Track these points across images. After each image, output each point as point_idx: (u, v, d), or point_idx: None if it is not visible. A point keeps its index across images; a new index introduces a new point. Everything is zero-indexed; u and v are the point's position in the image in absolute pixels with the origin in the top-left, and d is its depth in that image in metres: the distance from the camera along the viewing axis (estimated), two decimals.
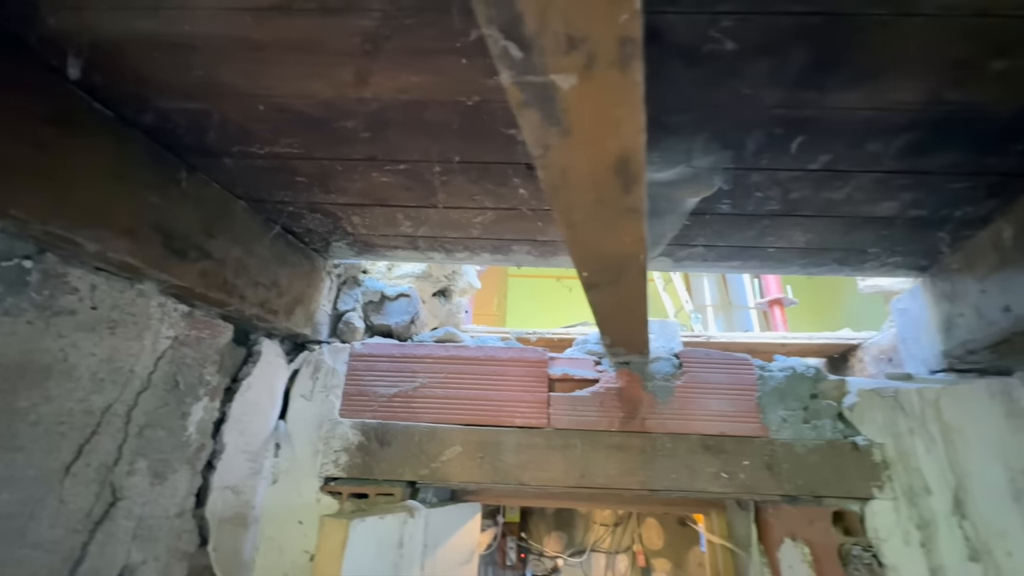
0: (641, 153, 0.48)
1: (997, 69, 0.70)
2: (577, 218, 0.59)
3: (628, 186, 0.52)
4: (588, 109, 0.42)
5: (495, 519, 5.43)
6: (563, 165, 0.50)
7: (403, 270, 1.60)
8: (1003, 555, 1.15)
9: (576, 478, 1.25)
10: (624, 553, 5.42)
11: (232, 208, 1.09)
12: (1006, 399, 1.28)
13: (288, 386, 1.36)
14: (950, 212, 1.06)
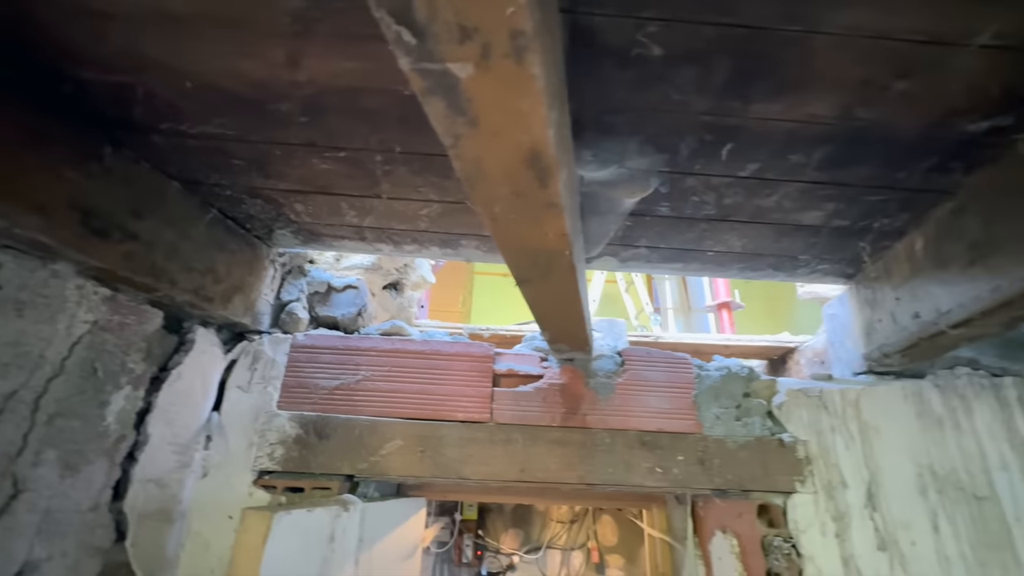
0: (551, 148, 0.49)
1: (899, 89, 0.75)
2: (498, 210, 0.60)
3: (543, 180, 0.53)
4: (491, 100, 0.42)
5: (452, 516, 5.41)
6: (476, 156, 0.50)
7: (352, 261, 1.57)
8: (907, 545, 1.23)
9: (517, 472, 1.26)
10: (579, 550, 5.50)
11: (164, 189, 1.05)
12: (917, 400, 1.38)
13: (224, 377, 1.32)
14: (869, 223, 1.13)
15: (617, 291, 6.12)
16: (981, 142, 0.85)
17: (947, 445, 1.33)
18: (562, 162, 0.57)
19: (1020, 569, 1.22)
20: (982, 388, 1.40)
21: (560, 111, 0.52)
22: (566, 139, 0.59)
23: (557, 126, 0.50)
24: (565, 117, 0.59)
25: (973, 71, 0.71)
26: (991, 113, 0.78)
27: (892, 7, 0.63)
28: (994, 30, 0.65)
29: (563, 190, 0.58)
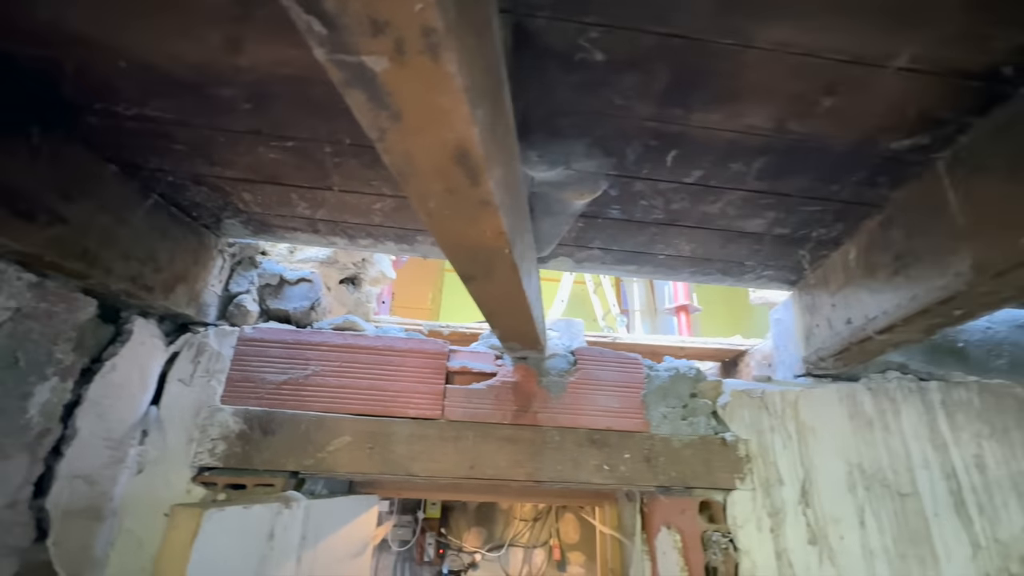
0: (478, 146, 0.49)
1: (828, 106, 0.79)
2: (432, 206, 0.60)
3: (474, 178, 0.54)
4: (412, 95, 0.43)
5: (415, 515, 5.37)
6: (404, 150, 0.50)
7: (306, 254, 1.54)
8: (836, 539, 1.30)
9: (466, 469, 1.26)
10: (541, 547, 5.54)
11: (100, 172, 1.00)
12: (851, 402, 1.45)
13: (165, 369, 1.27)
14: (808, 232, 1.18)
15: (586, 292, 6.20)
16: (904, 159, 0.91)
17: (876, 445, 1.41)
18: (496, 161, 0.57)
19: (936, 561, 1.30)
20: (910, 391, 1.49)
21: (490, 110, 0.53)
22: (502, 138, 0.60)
23: (486, 125, 0.51)
24: (501, 116, 0.59)
25: (893, 92, 0.75)
26: (911, 132, 0.83)
27: (818, 26, 0.66)
28: (910, 54, 0.69)
29: (497, 188, 0.58)
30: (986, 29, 0.64)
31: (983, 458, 1.42)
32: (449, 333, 1.82)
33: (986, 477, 1.40)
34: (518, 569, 5.47)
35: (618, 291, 6.24)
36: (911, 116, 0.80)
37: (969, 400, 1.49)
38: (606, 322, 5.81)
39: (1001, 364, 1.56)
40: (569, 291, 5.75)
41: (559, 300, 5.54)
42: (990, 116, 0.78)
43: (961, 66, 0.71)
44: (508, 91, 0.68)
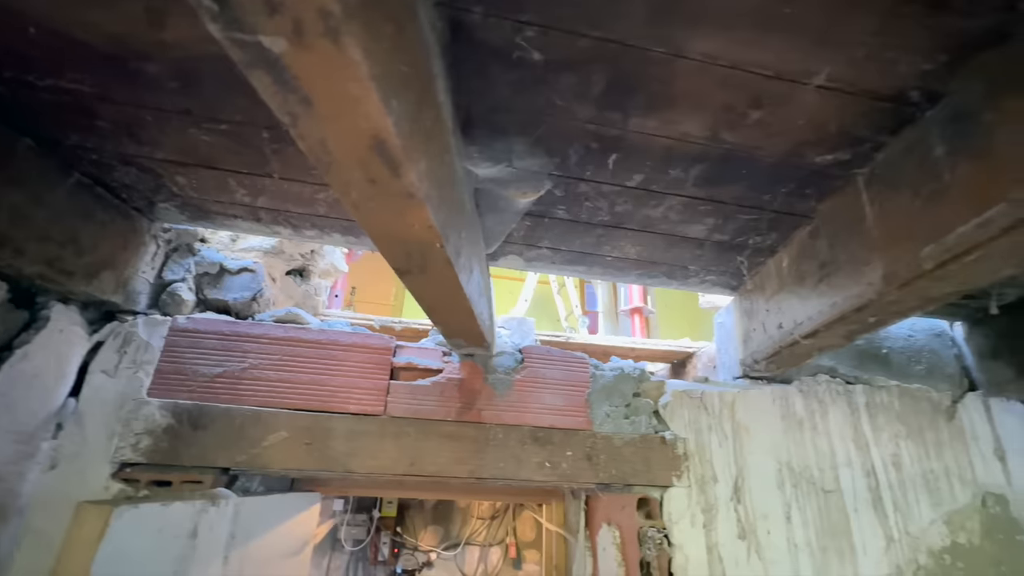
0: (396, 138, 0.49)
1: (756, 118, 0.82)
2: (355, 196, 0.59)
3: (395, 169, 0.53)
4: (319, 81, 0.42)
5: (370, 514, 5.28)
6: (319, 137, 0.49)
7: (249, 243, 1.49)
8: (764, 534, 1.36)
9: (406, 466, 1.25)
10: (498, 545, 5.55)
11: (11, 145, 0.93)
12: (783, 403, 1.52)
13: (88, 359, 1.20)
14: (745, 240, 1.23)
15: (550, 292, 6.26)
16: (829, 173, 0.96)
17: (804, 444, 1.48)
18: (421, 153, 0.57)
19: (854, 554, 1.38)
20: (837, 394, 1.57)
21: (413, 102, 0.52)
22: (429, 131, 0.59)
23: (406, 116, 0.50)
24: (428, 109, 0.59)
25: (814, 108, 0.79)
26: (833, 148, 0.88)
27: (743, 41, 0.69)
28: (827, 73, 0.73)
29: (422, 181, 0.58)
30: (893, 54, 0.68)
31: (900, 457, 1.52)
32: (402, 329, 1.80)
33: (901, 475, 1.50)
34: (474, 568, 5.47)
35: (583, 293, 6.33)
36: (832, 132, 0.84)
37: (890, 403, 1.59)
38: (568, 322, 5.88)
39: (920, 370, 1.67)
40: (533, 290, 5.79)
41: (523, 299, 5.57)
42: (901, 136, 0.83)
43: (873, 88, 0.75)
44: (442, 84, 0.67)
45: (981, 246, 0.68)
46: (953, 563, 1.42)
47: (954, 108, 0.73)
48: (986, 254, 0.69)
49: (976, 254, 0.70)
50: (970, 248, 0.70)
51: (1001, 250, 0.68)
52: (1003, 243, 0.66)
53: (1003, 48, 0.65)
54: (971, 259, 0.71)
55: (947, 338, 1.75)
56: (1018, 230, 0.63)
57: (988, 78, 0.67)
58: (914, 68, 0.71)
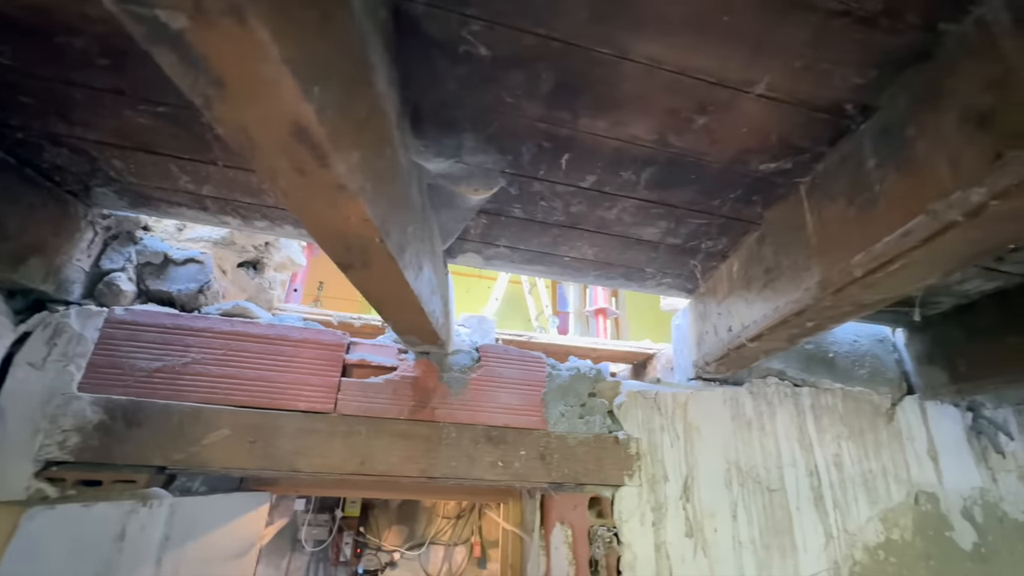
0: (318, 126, 0.47)
1: (702, 124, 0.84)
2: (284, 186, 0.57)
3: (322, 159, 0.52)
4: (229, 61, 0.40)
5: (332, 514, 5.18)
6: (236, 122, 0.47)
7: (197, 233, 1.43)
8: (711, 532, 1.39)
9: (356, 465, 1.22)
10: (463, 545, 5.53)
11: None
12: (734, 404, 1.56)
13: (13, 351, 1.13)
14: (698, 244, 1.25)
15: (522, 292, 6.27)
16: (773, 181, 0.99)
17: (753, 444, 1.53)
18: (353, 144, 0.55)
19: (795, 551, 1.43)
20: (785, 396, 1.63)
21: (342, 89, 0.51)
22: (364, 121, 0.58)
23: (332, 104, 0.49)
24: (362, 98, 0.57)
25: (756, 116, 0.81)
26: (775, 156, 0.91)
27: (684, 46, 0.70)
28: (767, 82, 0.75)
29: (355, 173, 0.56)
30: (827, 66, 0.71)
31: (841, 457, 1.58)
32: (361, 325, 1.76)
33: (842, 474, 1.56)
34: (438, 567, 5.43)
35: (555, 293, 6.37)
36: (774, 141, 0.87)
37: (834, 405, 1.65)
38: (539, 322, 5.90)
39: (863, 373, 1.74)
40: (504, 290, 5.79)
41: (494, 299, 5.57)
42: (838, 148, 0.86)
43: (811, 99, 0.77)
44: (384, 75, 0.66)
45: (904, 255, 0.71)
46: (886, 558, 1.49)
47: (884, 122, 0.76)
48: (909, 263, 0.72)
49: (900, 263, 0.73)
50: (895, 257, 0.73)
51: (922, 260, 0.71)
52: (923, 253, 0.69)
53: (924, 66, 0.68)
54: (895, 268, 0.74)
55: (889, 344, 1.83)
56: (936, 241, 0.66)
57: (912, 94, 0.70)
58: (848, 81, 0.73)
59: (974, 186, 0.58)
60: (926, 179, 0.67)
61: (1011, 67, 0.55)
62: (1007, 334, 1.42)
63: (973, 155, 0.59)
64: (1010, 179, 0.55)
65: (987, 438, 1.76)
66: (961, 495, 1.64)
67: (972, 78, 0.61)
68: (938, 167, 0.65)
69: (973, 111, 0.60)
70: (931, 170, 0.66)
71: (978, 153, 0.59)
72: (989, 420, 1.79)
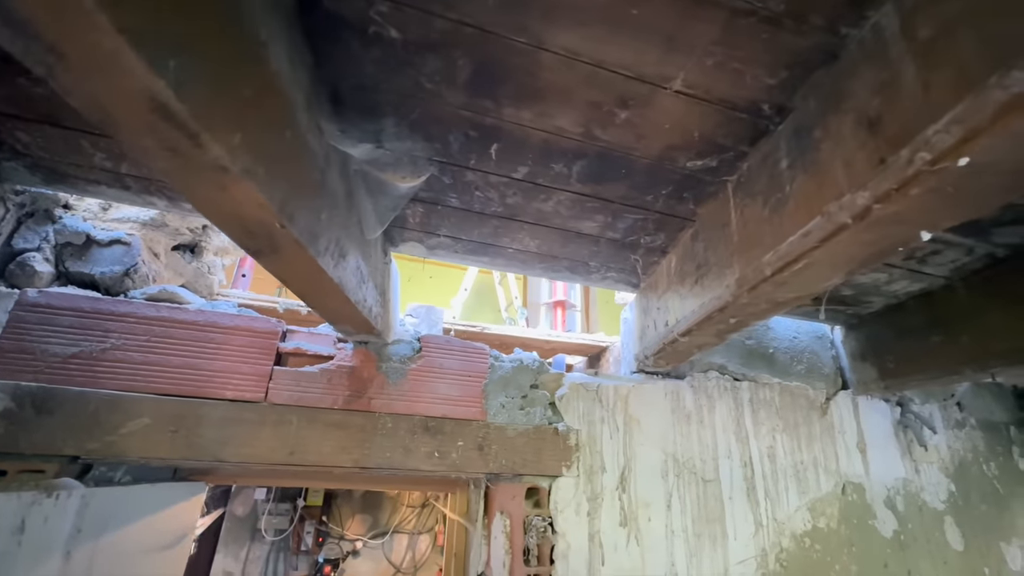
0: (177, 102, 0.44)
1: (624, 118, 0.83)
2: (163, 167, 0.54)
3: (193, 138, 0.49)
4: (53, 27, 0.37)
5: (294, 503, 5.12)
6: (88, 94, 0.44)
7: (124, 213, 1.36)
8: (645, 521, 1.42)
9: (285, 455, 1.20)
10: (427, 533, 5.55)
11: None
12: (674, 398, 1.60)
13: None
14: (637, 239, 1.26)
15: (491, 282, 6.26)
16: (702, 179, 1.00)
17: (691, 436, 1.56)
18: (229, 124, 0.53)
19: (725, 538, 1.48)
20: (725, 390, 1.67)
21: (212, 66, 0.48)
22: (247, 100, 0.55)
23: (196, 80, 0.46)
24: (248, 77, 0.55)
25: (676, 113, 0.82)
26: (700, 154, 0.92)
27: (598, 39, 0.69)
28: (682, 78, 0.75)
29: (235, 154, 0.54)
30: (738, 65, 0.71)
31: (775, 449, 1.64)
32: (307, 313, 1.72)
33: (775, 465, 1.62)
34: (401, 556, 5.44)
35: (526, 285, 6.38)
36: (696, 139, 0.87)
37: (771, 399, 1.71)
38: (508, 313, 5.92)
39: (800, 369, 1.80)
40: (473, 281, 5.77)
41: (463, 289, 5.53)
42: (758, 147, 0.88)
43: (728, 98, 0.78)
44: (284, 53, 0.63)
45: (807, 255, 0.73)
46: (812, 545, 1.55)
47: (796, 123, 0.77)
48: (811, 263, 0.74)
49: (803, 262, 0.74)
50: (798, 256, 0.74)
51: (823, 260, 0.73)
52: (822, 253, 0.71)
53: (831, 68, 0.69)
54: (799, 267, 0.75)
55: (827, 340, 1.90)
56: (832, 242, 0.68)
57: (821, 96, 0.71)
58: (760, 81, 0.74)
59: (860, 190, 0.60)
60: (827, 181, 0.68)
61: (897, 72, 0.57)
62: (931, 334, 1.49)
63: (863, 159, 0.61)
64: (889, 183, 0.56)
65: (913, 432, 1.85)
66: (886, 485, 1.72)
67: (867, 82, 0.62)
68: (836, 170, 0.66)
69: (865, 115, 0.61)
70: (831, 172, 0.67)
71: (866, 157, 0.60)
72: (916, 415, 1.88)
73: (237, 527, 5.02)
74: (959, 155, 0.49)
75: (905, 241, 0.65)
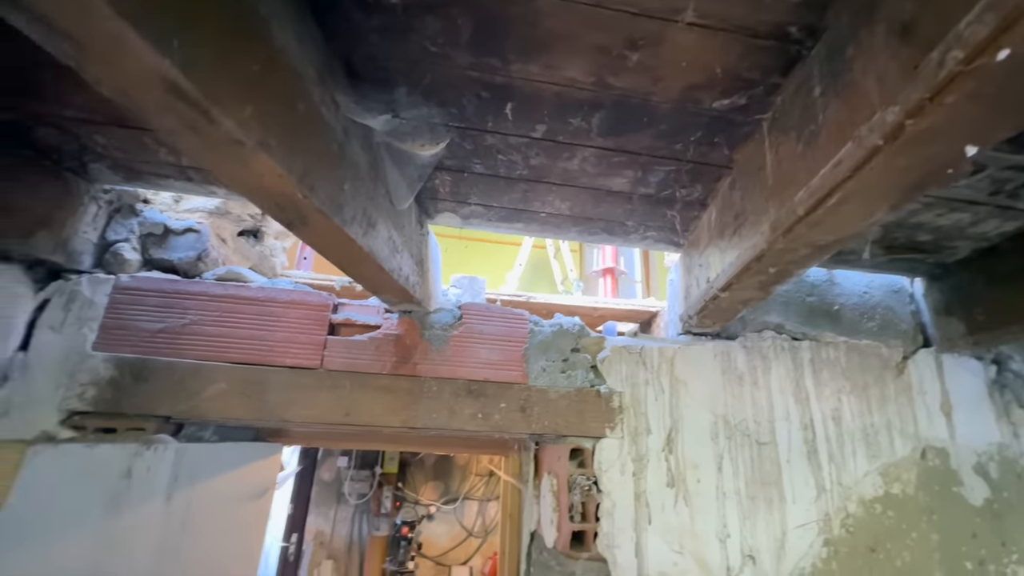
0: (186, 80, 0.49)
1: (637, 60, 0.79)
2: (187, 146, 0.60)
3: (206, 114, 0.54)
4: (66, 19, 0.42)
5: (372, 470, 5.54)
6: (113, 84, 0.50)
7: (193, 203, 1.51)
8: (693, 482, 1.40)
9: (341, 416, 1.31)
10: (495, 500, 5.78)
11: None
12: (725, 359, 1.53)
13: (35, 316, 1.26)
14: (672, 193, 1.21)
15: (546, 256, 6.25)
16: (733, 120, 0.93)
17: (744, 398, 1.50)
18: (238, 98, 0.57)
19: (783, 502, 1.42)
20: (782, 350, 1.57)
21: (214, 44, 0.52)
22: (254, 76, 0.59)
23: (201, 59, 0.51)
24: (248, 53, 0.59)
25: (693, 48, 0.76)
26: (726, 92, 0.85)
27: None
28: (694, 9, 0.70)
29: (247, 127, 0.58)
30: None
31: (840, 411, 1.53)
32: (360, 290, 1.83)
33: (840, 428, 1.51)
34: (472, 520, 5.75)
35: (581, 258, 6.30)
36: (720, 75, 0.81)
37: (836, 359, 1.59)
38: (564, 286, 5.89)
39: (872, 326, 1.66)
40: (528, 255, 5.78)
41: (518, 264, 5.57)
42: (792, 77, 0.80)
43: (748, 24, 0.72)
44: (290, 29, 0.67)
45: (839, 188, 0.67)
46: (884, 512, 1.45)
47: (829, 43, 0.70)
48: (845, 196, 0.68)
49: (837, 196, 0.68)
50: (831, 191, 0.68)
51: (857, 192, 0.66)
52: (856, 184, 0.64)
53: None
54: (833, 202, 0.69)
55: (905, 294, 1.72)
56: (865, 170, 0.62)
57: (852, 8, 0.64)
58: (783, 1, 0.68)
59: (890, 105, 0.54)
60: (859, 103, 0.61)
61: None
62: None
63: (895, 70, 0.54)
64: (920, 93, 0.50)
65: (1012, 392, 1.64)
66: (975, 450, 1.55)
67: None
68: (869, 89, 0.59)
69: (898, 21, 0.54)
70: (863, 92, 0.61)
71: (899, 67, 0.54)
72: (1016, 373, 1.66)
73: (324, 491, 5.53)
74: (996, 48, 0.42)
75: (950, 162, 0.57)
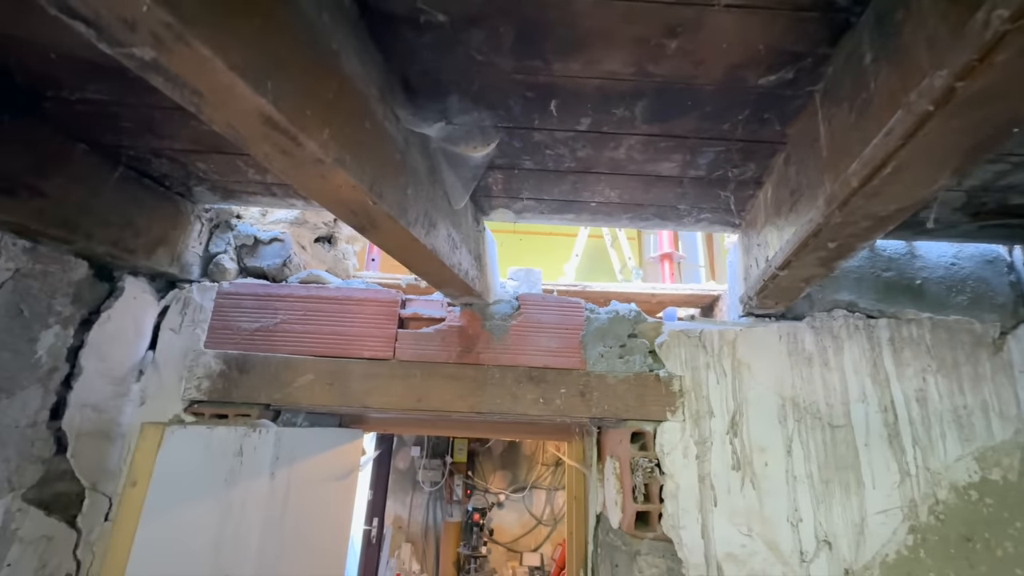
0: (279, 114, 0.59)
1: (677, 47, 0.81)
2: (280, 167, 0.70)
3: (294, 139, 0.64)
4: (193, 75, 0.52)
5: (443, 459, 5.81)
6: (224, 121, 0.61)
7: (276, 216, 1.69)
8: (760, 465, 1.38)
9: (413, 402, 1.42)
10: (563, 490, 5.85)
11: (69, 150, 1.16)
12: (791, 340, 1.48)
13: (159, 320, 1.48)
14: (724, 173, 1.20)
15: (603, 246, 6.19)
16: (782, 95, 0.92)
17: (813, 380, 1.45)
18: (319, 123, 0.67)
19: (860, 487, 1.36)
20: (856, 329, 1.50)
21: (296, 79, 0.62)
22: (330, 102, 0.69)
23: (287, 94, 0.60)
24: (326, 81, 0.68)
25: (733, 29, 0.77)
26: (772, 67, 0.85)
27: None
28: None
29: (327, 147, 0.68)
30: None
31: (926, 392, 1.44)
32: (424, 287, 1.96)
33: (926, 410, 1.42)
34: (541, 509, 5.87)
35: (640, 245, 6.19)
36: (763, 52, 0.81)
37: (920, 336, 1.49)
38: (623, 275, 5.82)
39: (962, 300, 1.53)
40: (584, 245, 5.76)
41: (574, 255, 5.57)
42: (841, 46, 0.78)
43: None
44: (356, 57, 0.76)
45: (893, 156, 0.65)
46: (980, 499, 1.35)
47: (877, 9, 0.68)
48: (901, 164, 0.66)
49: (891, 165, 0.67)
50: (884, 160, 0.67)
51: (912, 159, 0.64)
52: (909, 152, 0.63)
53: None
54: (888, 172, 0.68)
55: (1002, 264, 1.57)
56: (918, 137, 0.60)
57: None
58: None
59: (939, 69, 0.53)
60: (910, 68, 0.60)
61: None
62: None
63: (944, 32, 0.53)
64: (968, 55, 0.49)
65: None
66: None
67: None
68: (919, 54, 0.58)
69: None
70: (914, 58, 0.59)
71: (948, 29, 0.53)
72: None
73: (400, 479, 5.86)
74: None
75: (1013, 121, 0.55)
